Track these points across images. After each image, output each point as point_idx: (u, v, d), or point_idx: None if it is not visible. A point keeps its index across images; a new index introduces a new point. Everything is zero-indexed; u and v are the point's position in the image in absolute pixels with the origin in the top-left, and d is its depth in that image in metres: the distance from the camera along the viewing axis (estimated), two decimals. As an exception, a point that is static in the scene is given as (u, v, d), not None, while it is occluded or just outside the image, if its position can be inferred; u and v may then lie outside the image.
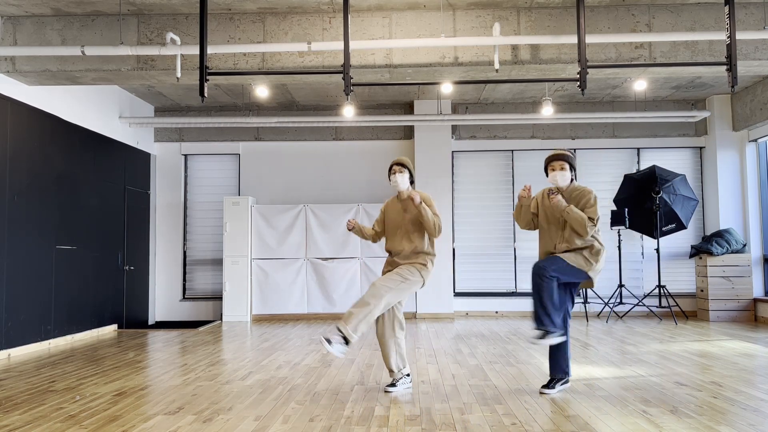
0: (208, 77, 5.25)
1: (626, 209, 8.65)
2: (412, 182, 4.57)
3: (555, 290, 4.22)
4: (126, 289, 8.61)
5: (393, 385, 4.43)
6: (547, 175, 4.42)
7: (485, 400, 4.13)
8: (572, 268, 4.23)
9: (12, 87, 6.36)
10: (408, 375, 4.52)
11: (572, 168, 4.37)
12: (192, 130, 9.84)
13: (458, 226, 9.73)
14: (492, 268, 9.68)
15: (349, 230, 4.60)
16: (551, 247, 4.38)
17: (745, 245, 8.95)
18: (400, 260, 4.47)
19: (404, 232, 4.47)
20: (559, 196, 4.22)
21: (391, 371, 4.46)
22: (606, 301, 9.32)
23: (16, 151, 6.33)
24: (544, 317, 4.19)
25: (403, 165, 4.50)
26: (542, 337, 4.16)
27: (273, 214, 9.33)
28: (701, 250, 8.82)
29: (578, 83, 5.21)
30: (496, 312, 9.54)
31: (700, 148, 9.70)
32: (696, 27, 5.99)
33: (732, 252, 8.76)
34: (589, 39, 5.72)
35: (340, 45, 5.80)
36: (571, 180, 4.41)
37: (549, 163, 4.39)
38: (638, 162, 9.74)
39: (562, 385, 4.36)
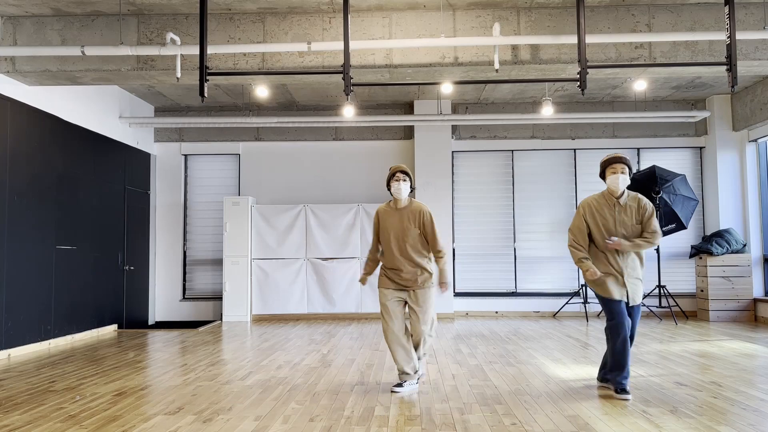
0: (208, 77, 5.25)
1: (626, 209, 8.63)
2: (411, 189, 4.57)
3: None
4: (126, 289, 8.61)
5: (400, 385, 4.41)
6: (603, 178, 4.31)
7: (485, 400, 4.13)
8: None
9: (12, 87, 6.36)
10: (417, 379, 4.54)
11: (630, 171, 4.28)
12: (192, 130, 9.84)
13: (458, 226, 9.73)
14: (492, 268, 9.68)
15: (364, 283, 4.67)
16: (616, 269, 4.27)
17: (745, 245, 8.95)
18: (403, 277, 4.44)
19: (407, 246, 4.44)
20: (617, 240, 4.15)
21: (406, 374, 4.44)
22: (606, 301, 9.31)
23: (16, 152, 6.33)
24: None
25: (407, 173, 4.51)
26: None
27: (273, 214, 9.33)
28: (701, 250, 8.82)
29: (578, 83, 5.21)
30: (496, 312, 9.54)
31: (700, 148, 9.70)
32: (696, 27, 5.99)
33: (732, 252, 8.76)
34: (589, 39, 5.72)
35: (340, 45, 5.80)
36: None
37: (610, 165, 4.25)
38: (638, 162, 9.74)
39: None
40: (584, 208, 4.36)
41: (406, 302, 4.54)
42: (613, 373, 4.21)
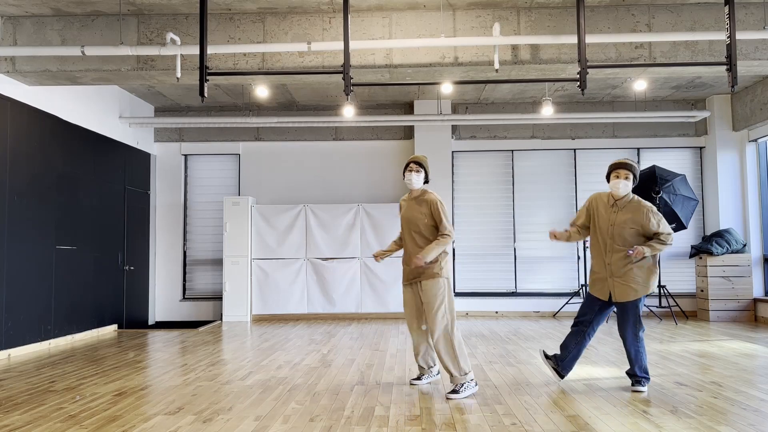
0: (208, 77, 5.25)
1: (626, 209, 8.64)
2: (426, 181, 4.60)
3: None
4: (126, 289, 8.61)
5: (419, 378, 4.64)
6: (608, 181, 4.47)
7: (485, 400, 4.13)
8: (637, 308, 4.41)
9: (12, 87, 6.36)
10: (437, 373, 4.73)
11: (635, 179, 4.41)
12: (192, 130, 9.84)
13: (458, 226, 9.73)
14: (492, 268, 9.68)
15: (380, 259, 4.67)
16: (604, 267, 4.44)
17: (745, 245, 8.95)
18: (412, 268, 4.46)
19: (416, 234, 4.48)
20: (638, 250, 4.25)
21: (420, 367, 4.65)
22: (606, 301, 9.31)
23: (16, 152, 6.33)
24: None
25: (420, 164, 4.51)
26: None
27: (273, 214, 9.33)
28: (701, 250, 8.82)
29: (578, 83, 5.20)
30: (496, 312, 9.54)
31: (700, 148, 9.70)
32: (696, 27, 5.99)
33: (732, 252, 8.76)
34: (589, 39, 5.72)
35: (340, 45, 5.80)
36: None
37: (614, 170, 4.42)
38: (638, 162, 9.74)
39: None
40: (591, 200, 4.58)
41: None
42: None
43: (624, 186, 4.36)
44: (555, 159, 9.79)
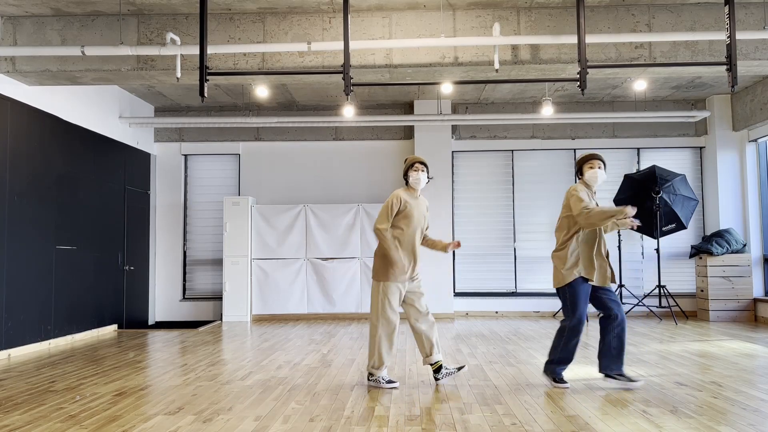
0: (208, 77, 5.25)
1: (626, 209, 8.65)
2: (429, 179, 4.76)
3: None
4: (126, 289, 8.61)
5: (437, 372, 4.66)
6: (582, 175, 4.52)
7: (485, 400, 4.13)
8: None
9: (12, 87, 6.36)
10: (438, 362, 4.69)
11: (605, 167, 4.55)
12: (192, 130, 9.84)
13: (458, 226, 9.73)
14: (492, 268, 9.68)
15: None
16: (604, 254, 4.51)
17: (745, 245, 8.95)
18: (414, 266, 4.59)
19: (419, 234, 4.64)
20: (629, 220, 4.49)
21: (426, 356, 4.64)
22: (606, 301, 9.31)
23: (16, 151, 6.33)
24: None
25: (425, 165, 4.67)
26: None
27: (273, 214, 9.33)
28: (701, 250, 8.82)
29: (578, 83, 5.21)
30: (496, 312, 9.54)
31: (700, 148, 9.70)
32: (696, 27, 5.99)
33: (732, 252, 8.76)
34: (589, 39, 5.72)
35: (340, 45, 5.80)
36: None
37: (588, 161, 4.49)
38: (638, 162, 9.74)
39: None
40: (581, 191, 4.47)
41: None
42: (562, 366, 4.52)
43: (601, 174, 4.48)
44: (555, 159, 9.79)
